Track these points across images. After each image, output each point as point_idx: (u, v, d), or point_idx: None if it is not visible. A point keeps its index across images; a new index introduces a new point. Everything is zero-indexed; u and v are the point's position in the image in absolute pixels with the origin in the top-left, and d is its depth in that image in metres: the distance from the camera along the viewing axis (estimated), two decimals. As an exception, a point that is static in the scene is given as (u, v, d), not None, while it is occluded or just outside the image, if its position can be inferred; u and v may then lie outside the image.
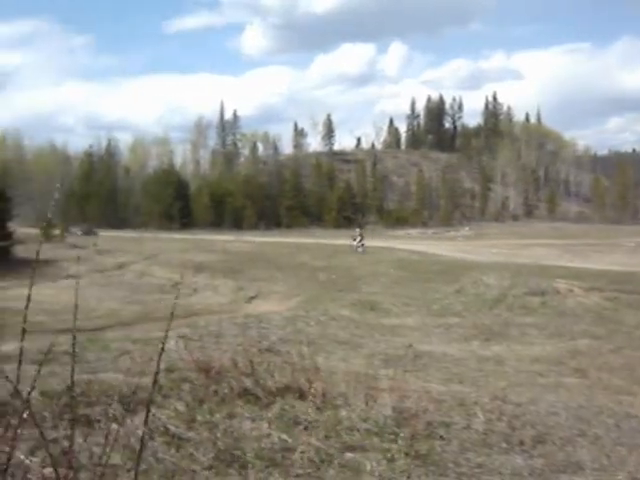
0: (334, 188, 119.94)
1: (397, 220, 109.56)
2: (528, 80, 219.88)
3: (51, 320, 20.75)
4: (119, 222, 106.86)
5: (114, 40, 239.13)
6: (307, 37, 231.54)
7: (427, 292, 27.08)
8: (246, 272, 39.46)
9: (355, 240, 53.93)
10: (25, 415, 2.78)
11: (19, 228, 56.33)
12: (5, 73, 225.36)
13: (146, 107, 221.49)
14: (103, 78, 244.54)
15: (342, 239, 65.25)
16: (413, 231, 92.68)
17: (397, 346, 13.50)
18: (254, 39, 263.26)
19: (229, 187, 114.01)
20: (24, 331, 2.81)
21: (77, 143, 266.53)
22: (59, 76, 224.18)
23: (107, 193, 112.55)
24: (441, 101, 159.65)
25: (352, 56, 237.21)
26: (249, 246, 57.76)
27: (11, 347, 12.45)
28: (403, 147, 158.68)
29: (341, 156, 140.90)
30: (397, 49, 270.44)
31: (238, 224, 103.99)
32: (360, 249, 52.07)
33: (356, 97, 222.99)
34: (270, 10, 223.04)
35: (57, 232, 68.92)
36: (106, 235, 75.10)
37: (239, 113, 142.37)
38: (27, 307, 2.70)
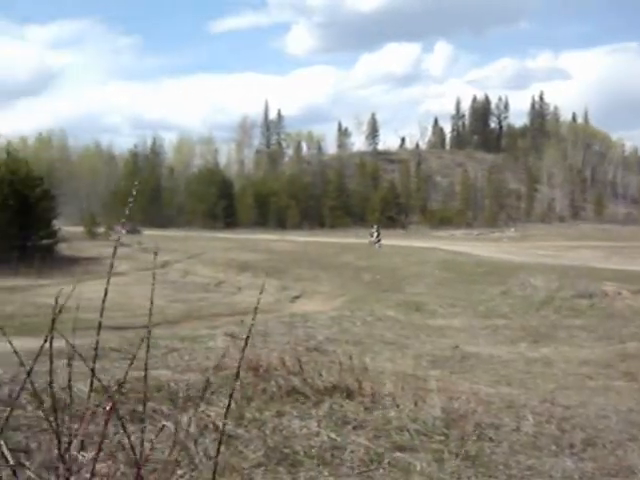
0: (378, 188, 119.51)
1: (441, 221, 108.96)
2: (575, 80, 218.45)
3: (97, 316, 20.85)
4: (163, 221, 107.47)
5: (160, 40, 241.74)
6: (352, 36, 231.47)
7: (473, 293, 26.91)
8: (290, 271, 39.52)
9: (372, 237, 56.37)
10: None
11: (64, 227, 56.88)
12: (52, 73, 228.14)
13: (191, 107, 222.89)
14: (149, 78, 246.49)
15: (388, 239, 65.20)
16: (457, 232, 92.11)
17: (444, 347, 13.46)
18: (299, 39, 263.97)
19: (273, 187, 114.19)
20: (100, 326, 2.82)
21: (122, 143, 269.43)
22: (105, 76, 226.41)
23: (151, 192, 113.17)
24: (487, 101, 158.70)
25: (397, 55, 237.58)
26: (293, 246, 57.81)
27: (61, 343, 12.61)
28: (448, 147, 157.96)
29: (385, 156, 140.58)
30: (442, 48, 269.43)
31: (282, 224, 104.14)
32: (377, 245, 54.03)
33: (401, 97, 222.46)
34: (315, 10, 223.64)
35: (101, 230, 69.56)
36: (150, 234, 75.62)
37: (284, 113, 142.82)
38: (103, 301, 2.72)
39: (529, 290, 26.65)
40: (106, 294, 2.81)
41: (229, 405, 3.27)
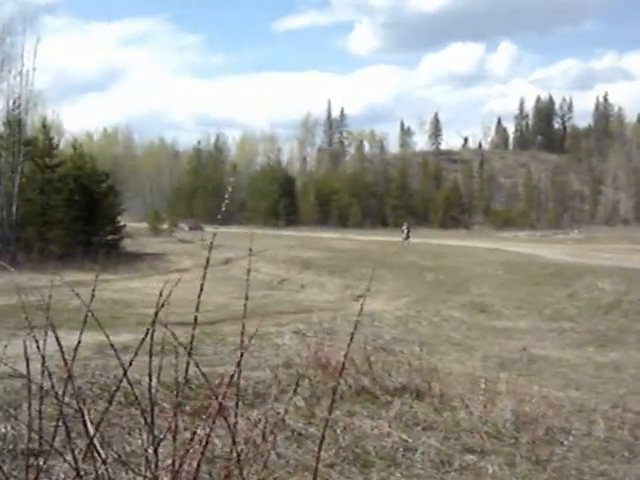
0: (440, 188, 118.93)
1: (504, 221, 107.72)
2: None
3: (164, 313, 21.08)
4: (225, 218, 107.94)
5: (224, 39, 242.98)
6: (416, 36, 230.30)
7: (538, 295, 26.64)
8: (352, 270, 39.48)
9: (403, 234, 60.74)
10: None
11: (127, 222, 57.50)
12: (118, 70, 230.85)
13: (254, 104, 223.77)
14: (213, 76, 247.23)
15: (451, 240, 64.89)
16: (521, 233, 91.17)
17: (510, 349, 13.37)
18: (362, 38, 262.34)
19: (335, 185, 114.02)
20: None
21: (186, 139, 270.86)
22: (170, 74, 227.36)
23: (214, 189, 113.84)
24: (550, 101, 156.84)
25: (461, 55, 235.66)
26: (355, 244, 57.76)
27: (126, 338, 12.73)
28: (511, 148, 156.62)
29: (447, 156, 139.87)
30: (506, 48, 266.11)
31: (343, 222, 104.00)
32: (406, 243, 57.72)
33: (464, 97, 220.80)
34: (379, 9, 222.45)
35: (165, 227, 70.12)
36: (212, 230, 75.76)
37: (346, 111, 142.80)
38: (199, 296, 2.76)
39: (596, 293, 26.33)
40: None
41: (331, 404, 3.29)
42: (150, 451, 5.46)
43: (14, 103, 48.77)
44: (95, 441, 2.93)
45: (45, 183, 49.48)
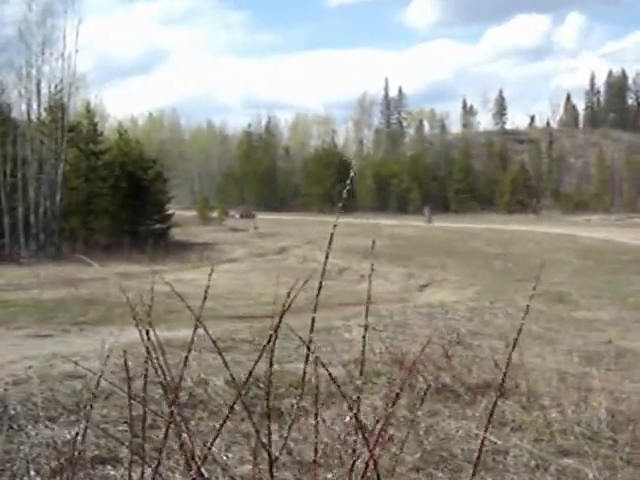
0: (507, 170, 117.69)
1: (575, 205, 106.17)
2: None
3: (220, 306, 21.13)
4: (278, 204, 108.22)
5: (272, 16, 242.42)
6: (478, 9, 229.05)
7: (618, 284, 26.21)
8: (415, 258, 39.30)
9: (425, 216, 71.77)
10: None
11: (175, 210, 57.70)
12: (162, 51, 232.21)
13: (306, 85, 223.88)
14: (261, 55, 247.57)
15: (519, 225, 64.34)
16: (594, 217, 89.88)
17: (595, 342, 13.07)
18: (420, 11, 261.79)
19: (394, 168, 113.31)
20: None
21: (235, 122, 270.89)
22: (216, 54, 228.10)
23: (266, 174, 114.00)
24: (623, 76, 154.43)
25: (526, 28, 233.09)
26: (416, 231, 57.56)
27: (185, 334, 12.66)
28: (581, 126, 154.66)
29: (513, 135, 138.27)
30: (575, 20, 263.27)
31: (402, 208, 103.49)
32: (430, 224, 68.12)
33: (530, 72, 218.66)
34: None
35: (215, 215, 70.22)
36: (265, 218, 76.12)
37: (404, 90, 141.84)
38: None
39: (682, 280, 25.88)
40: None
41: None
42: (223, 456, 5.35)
43: (56, 87, 49.05)
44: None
45: (90, 170, 49.81)
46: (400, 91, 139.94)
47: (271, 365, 2.72)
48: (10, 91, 48.66)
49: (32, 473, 5.03)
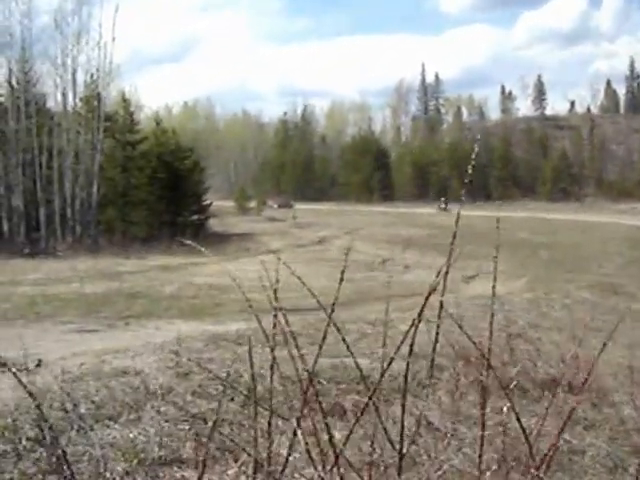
0: (548, 157, 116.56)
1: (619, 193, 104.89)
2: None
3: (265, 298, 20.94)
4: (315, 193, 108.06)
5: (307, 2, 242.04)
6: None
7: (675, 275, 25.89)
8: (459, 248, 38.97)
9: (441, 205, 79.45)
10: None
11: (213, 201, 57.67)
12: (195, 39, 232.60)
13: (341, 72, 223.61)
14: (296, 42, 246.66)
15: (562, 214, 63.84)
16: (639, 205, 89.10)
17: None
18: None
19: (433, 156, 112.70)
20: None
21: (270, 111, 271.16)
22: (251, 41, 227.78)
23: (303, 163, 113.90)
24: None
25: (562, 11, 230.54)
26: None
27: (235, 327, 12.60)
28: (622, 111, 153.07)
29: (553, 121, 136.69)
30: (613, 2, 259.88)
31: (443, 196, 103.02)
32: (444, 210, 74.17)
33: (568, 56, 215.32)
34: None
35: (253, 205, 70.29)
36: (302, 208, 76.07)
37: (441, 76, 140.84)
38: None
39: None
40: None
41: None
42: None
43: (92, 77, 49.19)
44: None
45: (126, 161, 50.06)
46: (437, 77, 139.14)
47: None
48: (45, 81, 48.95)
49: (107, 475, 4.95)
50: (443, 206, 78.02)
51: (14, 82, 46.97)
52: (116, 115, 52.65)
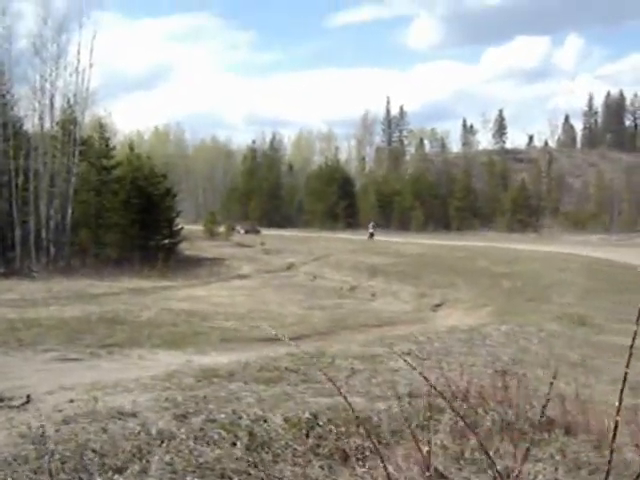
0: (508, 189, 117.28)
1: (575, 224, 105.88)
2: None
3: (244, 327, 20.68)
4: (282, 220, 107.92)
5: (275, 36, 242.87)
6: (477, 30, 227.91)
7: (634, 306, 25.67)
8: (423, 277, 38.83)
9: (369, 231, 71.12)
10: None
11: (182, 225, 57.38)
12: (166, 68, 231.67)
13: (308, 103, 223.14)
14: (264, 74, 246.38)
15: (521, 244, 63.90)
16: (594, 237, 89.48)
17: (638, 370, 12.53)
18: (421, 32, 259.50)
19: (396, 186, 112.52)
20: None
21: (238, 139, 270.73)
22: (220, 71, 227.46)
23: (270, 190, 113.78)
24: (621, 97, 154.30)
25: (525, 50, 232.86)
26: (421, 248, 57.05)
27: (220, 360, 12.20)
28: (579, 146, 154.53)
29: (513, 155, 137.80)
30: (573, 42, 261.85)
31: (405, 225, 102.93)
32: (371, 239, 68.00)
33: (528, 93, 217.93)
34: (439, 2, 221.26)
35: (221, 230, 70.04)
36: (269, 234, 76.04)
37: (406, 109, 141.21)
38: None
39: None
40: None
41: None
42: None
43: (69, 102, 48.89)
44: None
45: (100, 185, 49.58)
46: (401, 110, 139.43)
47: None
48: (23, 104, 48.50)
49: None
50: (371, 231, 72.06)
51: (-8, 104, 46.50)
52: (91, 140, 52.26)
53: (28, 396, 8.01)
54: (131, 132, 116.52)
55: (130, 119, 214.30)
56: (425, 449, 6.56)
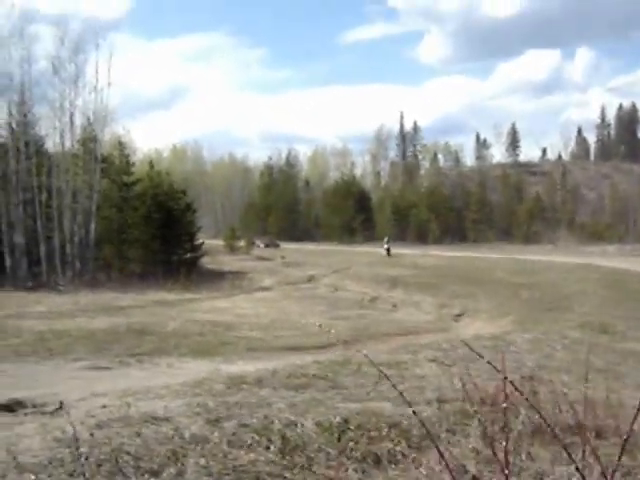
0: (523, 201, 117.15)
1: (590, 236, 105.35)
2: None
3: (269, 336, 20.72)
4: (300, 234, 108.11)
5: (289, 53, 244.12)
6: (488, 44, 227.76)
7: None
8: (443, 288, 38.73)
9: (385, 246, 66.36)
10: None
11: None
12: (182, 88, 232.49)
13: (322, 119, 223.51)
14: (278, 91, 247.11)
15: (537, 255, 63.68)
16: (609, 247, 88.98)
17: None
18: (432, 48, 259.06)
19: (412, 199, 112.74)
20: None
21: (254, 155, 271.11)
22: (235, 90, 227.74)
23: (287, 205, 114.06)
24: (633, 109, 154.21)
25: (536, 63, 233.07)
26: (439, 260, 56.99)
27: (248, 368, 12.16)
28: (592, 158, 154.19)
29: (526, 168, 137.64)
30: (584, 55, 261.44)
31: (422, 238, 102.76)
32: (387, 254, 63.98)
33: (540, 106, 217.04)
34: (449, 17, 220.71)
35: (242, 244, 70.24)
36: (288, 247, 76.37)
37: (419, 124, 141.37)
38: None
39: None
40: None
41: None
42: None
43: (88, 120, 49.37)
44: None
45: (122, 201, 50.05)
46: (415, 125, 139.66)
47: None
48: (44, 123, 48.99)
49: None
50: (386, 246, 66.08)
51: (14, 124, 46.92)
52: (112, 157, 52.87)
53: (61, 402, 7.99)
54: (150, 150, 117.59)
55: (149, 138, 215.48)
56: (456, 451, 6.52)
